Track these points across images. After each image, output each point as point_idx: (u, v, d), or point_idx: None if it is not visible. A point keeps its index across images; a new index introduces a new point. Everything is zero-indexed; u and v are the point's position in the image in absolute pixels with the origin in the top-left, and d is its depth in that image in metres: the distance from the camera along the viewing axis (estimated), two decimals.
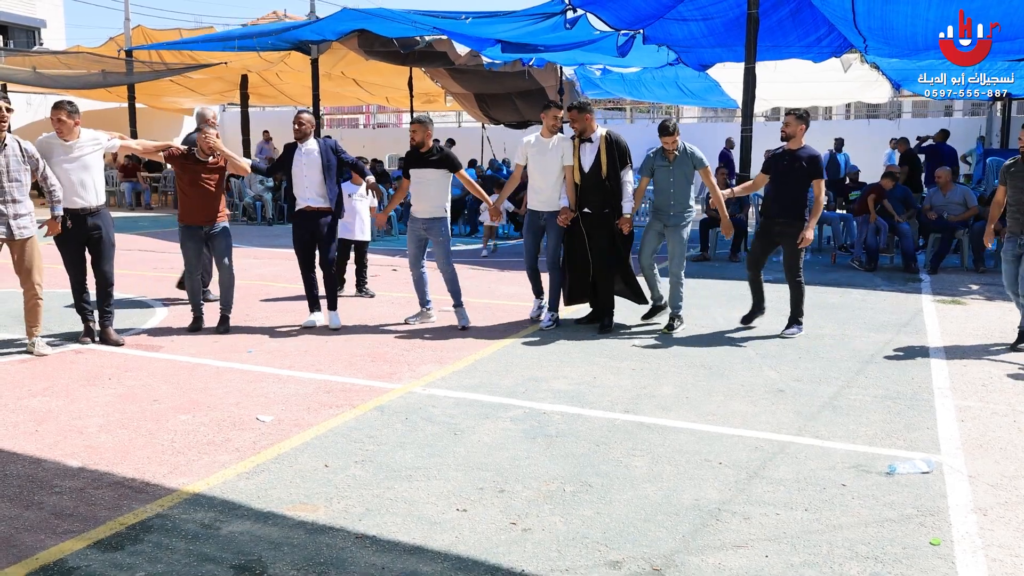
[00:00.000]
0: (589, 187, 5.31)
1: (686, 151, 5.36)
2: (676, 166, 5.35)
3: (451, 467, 3.10)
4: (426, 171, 5.35)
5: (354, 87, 17.34)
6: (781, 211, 5.28)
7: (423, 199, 5.37)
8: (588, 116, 5.30)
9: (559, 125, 5.43)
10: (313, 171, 5.32)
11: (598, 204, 5.31)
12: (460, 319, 5.49)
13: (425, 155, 5.34)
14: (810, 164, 5.17)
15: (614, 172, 5.28)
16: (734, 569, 2.37)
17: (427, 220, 5.38)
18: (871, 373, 4.45)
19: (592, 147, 5.31)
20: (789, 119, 5.25)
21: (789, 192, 5.24)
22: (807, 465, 3.14)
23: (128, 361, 4.65)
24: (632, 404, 3.88)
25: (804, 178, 5.18)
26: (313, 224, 5.38)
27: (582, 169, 5.33)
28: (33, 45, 22.54)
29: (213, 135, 5.29)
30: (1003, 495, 2.88)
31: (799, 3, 9.28)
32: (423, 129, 5.33)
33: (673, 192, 5.36)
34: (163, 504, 2.77)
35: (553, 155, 5.35)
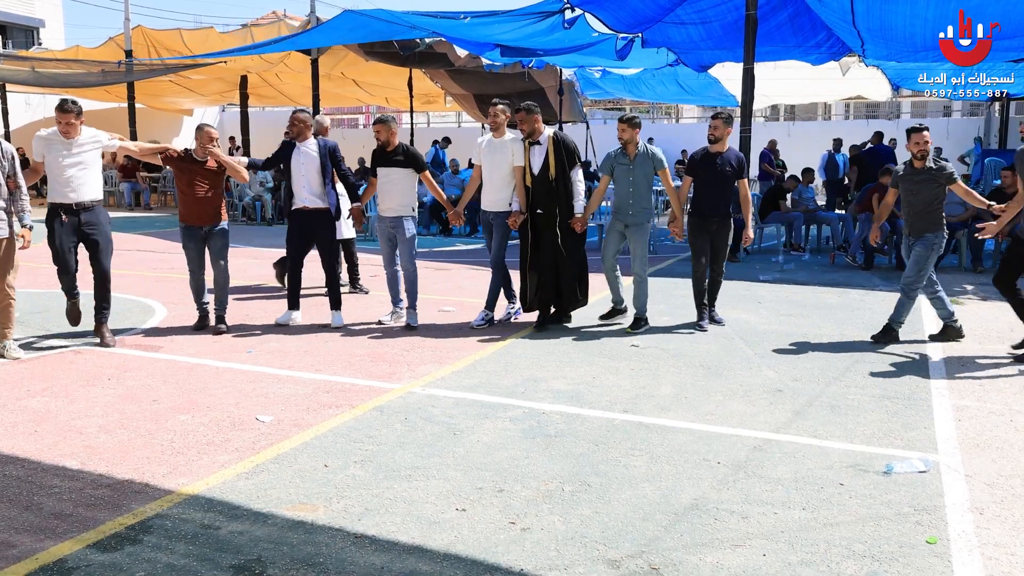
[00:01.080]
0: (539, 189, 5.38)
1: (647, 151, 5.42)
2: (636, 166, 5.40)
3: (450, 467, 3.11)
4: (392, 170, 5.38)
5: (354, 88, 17.35)
6: (714, 210, 5.45)
7: (389, 198, 5.40)
8: (535, 117, 5.35)
9: (497, 122, 5.44)
10: (311, 171, 5.33)
11: (548, 205, 5.37)
12: (409, 318, 5.51)
13: (391, 154, 5.36)
14: (737, 165, 5.43)
15: (562, 173, 5.34)
16: (732, 568, 2.38)
17: (393, 219, 5.42)
18: (869, 373, 4.46)
19: (540, 149, 5.37)
20: (717, 123, 5.41)
21: (719, 192, 5.43)
22: (805, 464, 3.15)
23: (127, 361, 4.65)
24: (631, 404, 3.89)
25: (732, 179, 5.43)
26: (308, 224, 5.39)
27: (531, 171, 5.39)
28: (32, 45, 22.52)
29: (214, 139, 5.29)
30: (999, 494, 2.90)
31: (797, 8, 9.29)
32: (387, 129, 5.35)
33: (632, 192, 5.41)
34: (162, 504, 2.78)
35: (503, 155, 5.41)
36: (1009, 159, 10.87)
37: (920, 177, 5.03)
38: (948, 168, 5.02)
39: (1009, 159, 10.87)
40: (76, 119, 4.80)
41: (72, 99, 4.93)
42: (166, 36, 14.86)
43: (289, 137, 5.42)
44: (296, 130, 5.34)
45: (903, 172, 5.17)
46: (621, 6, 9.26)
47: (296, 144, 5.38)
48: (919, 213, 5.06)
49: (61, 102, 4.86)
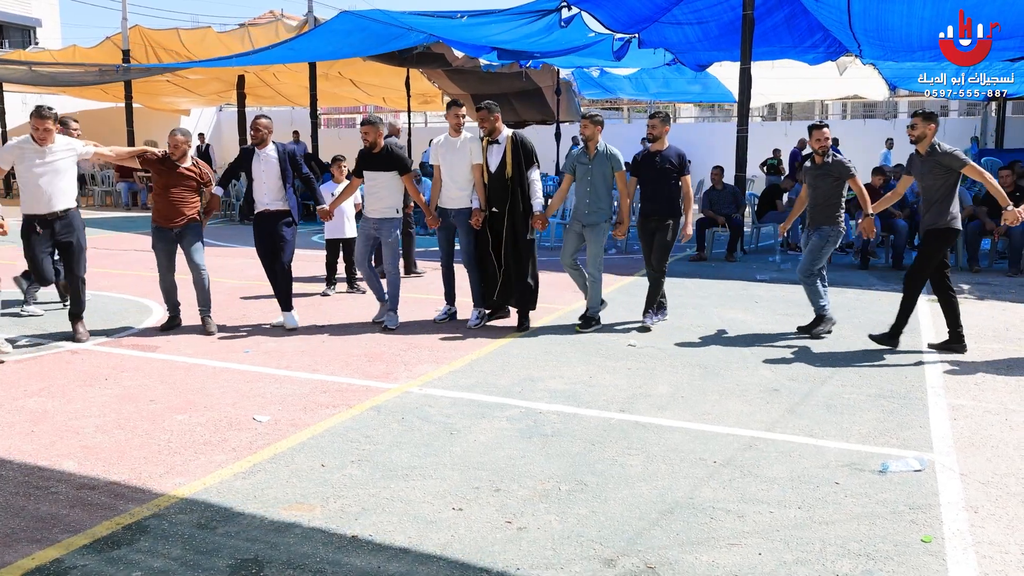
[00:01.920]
0: (495, 187, 5.42)
1: (606, 151, 5.45)
2: (595, 165, 5.44)
3: (447, 466, 3.12)
4: (377, 173, 5.40)
5: (351, 87, 17.34)
6: (656, 209, 5.47)
7: (374, 199, 5.43)
8: (496, 117, 5.39)
9: (460, 123, 5.48)
10: (271, 176, 5.31)
11: (502, 204, 5.42)
12: (387, 320, 5.50)
13: (376, 156, 5.38)
14: (678, 162, 5.44)
15: (519, 173, 5.39)
16: (728, 567, 2.39)
17: (377, 220, 5.44)
18: (865, 372, 4.47)
19: (499, 148, 5.42)
20: (654, 122, 5.46)
21: (662, 191, 5.43)
22: (801, 463, 3.16)
23: (125, 361, 4.65)
24: (627, 403, 3.90)
25: (672, 177, 5.43)
26: (270, 226, 5.35)
27: (489, 169, 5.43)
28: (28, 44, 22.47)
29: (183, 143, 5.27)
30: (994, 492, 2.91)
31: (793, 9, 9.31)
32: (375, 130, 5.33)
33: (590, 191, 5.45)
34: (159, 504, 2.78)
35: (460, 154, 5.44)
36: (1006, 159, 10.90)
37: (819, 172, 5.31)
38: (845, 163, 5.25)
39: (1006, 159, 10.90)
40: (53, 125, 4.81)
41: (48, 105, 4.95)
42: (163, 36, 14.84)
43: (252, 143, 5.38)
44: (259, 136, 5.32)
45: (807, 167, 5.42)
46: (618, 5, 9.27)
47: (256, 150, 5.34)
48: (818, 206, 5.33)
49: (37, 108, 4.84)
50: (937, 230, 4.78)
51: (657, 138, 5.44)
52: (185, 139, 5.30)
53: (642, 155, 5.56)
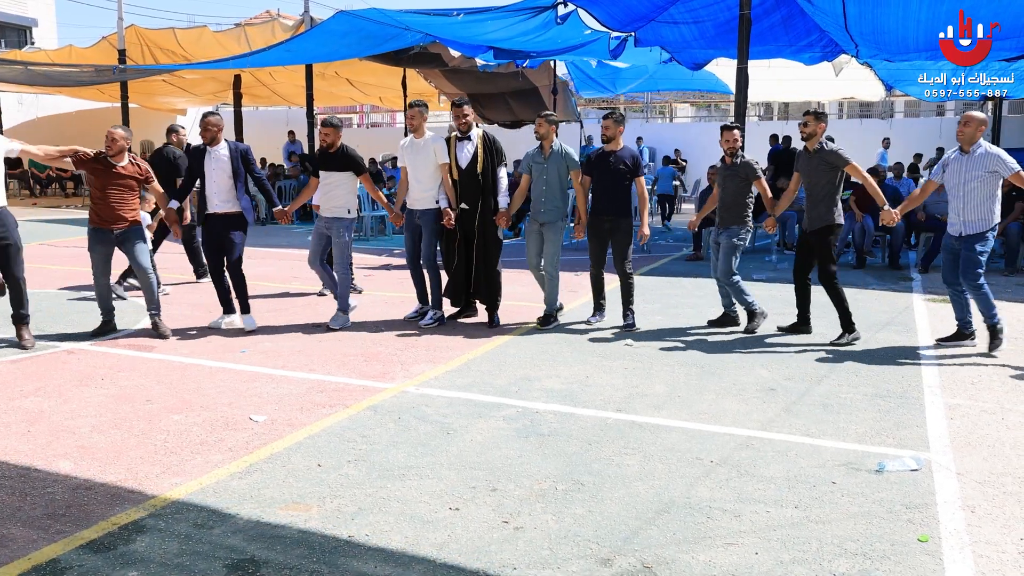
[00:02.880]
0: (466, 183, 5.46)
1: (561, 151, 5.48)
2: (550, 164, 5.47)
3: (444, 466, 3.11)
4: (331, 173, 5.41)
5: (348, 87, 17.31)
6: (608, 209, 5.48)
7: (328, 199, 5.46)
8: (466, 111, 5.48)
9: (415, 124, 5.50)
10: (221, 176, 5.24)
11: (474, 200, 5.45)
12: (331, 320, 5.49)
13: (332, 157, 5.40)
14: (632, 163, 5.44)
15: (490, 169, 5.46)
16: (724, 566, 2.39)
17: (329, 220, 5.47)
18: (862, 371, 4.48)
19: (470, 144, 5.48)
20: (608, 122, 5.47)
21: (615, 191, 5.43)
22: (797, 463, 3.16)
23: (121, 361, 4.63)
24: (624, 403, 3.90)
25: (628, 177, 5.43)
26: (220, 229, 5.27)
27: (459, 166, 5.47)
28: (24, 44, 22.39)
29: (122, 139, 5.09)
30: (991, 492, 2.92)
31: (790, 10, 9.31)
32: (335, 132, 5.39)
33: (545, 190, 5.48)
34: (156, 504, 2.77)
35: (425, 155, 5.47)
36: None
37: (728, 172, 5.44)
38: (751, 164, 5.37)
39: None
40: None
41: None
42: (159, 35, 14.79)
43: (203, 141, 5.29)
44: (210, 135, 5.21)
45: (718, 167, 5.53)
46: (614, 2, 9.26)
47: (208, 148, 5.26)
48: (727, 206, 5.45)
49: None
50: (827, 226, 5.06)
51: (611, 138, 5.43)
52: (123, 136, 5.10)
53: (596, 155, 5.59)
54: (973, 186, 4.81)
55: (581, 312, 5.97)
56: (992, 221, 4.85)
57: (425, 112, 5.57)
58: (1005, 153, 4.82)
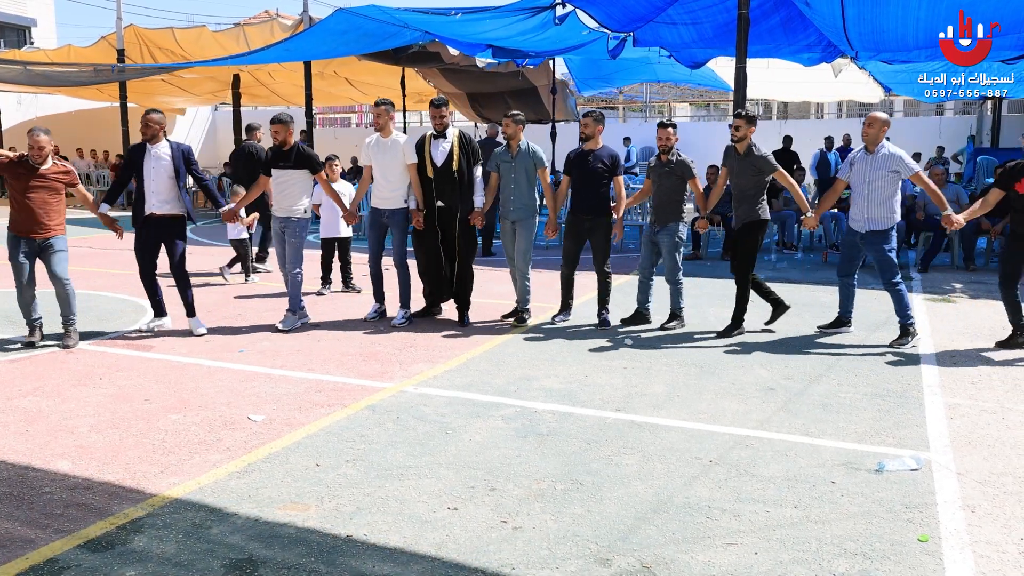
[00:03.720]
0: (442, 181, 5.46)
1: (528, 149, 5.51)
2: (518, 162, 5.50)
3: (442, 466, 3.11)
4: (286, 171, 5.34)
5: (346, 87, 17.30)
6: (587, 208, 5.48)
7: (281, 198, 5.38)
8: (446, 113, 5.52)
9: (380, 122, 5.49)
10: (162, 176, 5.06)
11: (451, 198, 5.47)
12: (284, 322, 5.41)
13: (286, 155, 5.32)
14: (611, 162, 5.43)
15: (466, 167, 5.48)
16: (724, 566, 2.38)
17: (282, 219, 5.39)
18: (861, 371, 4.47)
19: (445, 143, 5.48)
20: (587, 120, 5.49)
21: (593, 190, 5.46)
22: (797, 463, 3.16)
23: (119, 361, 4.63)
24: (623, 403, 3.89)
25: (606, 176, 5.43)
26: (161, 231, 5.13)
27: (435, 164, 5.47)
28: (24, 44, 22.37)
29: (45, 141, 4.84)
30: (991, 491, 2.91)
31: (789, 13, 9.31)
32: (285, 129, 5.28)
33: (514, 188, 5.51)
34: (154, 504, 2.76)
35: (392, 154, 5.46)
36: (1003, 157, 10.91)
37: (664, 170, 5.44)
38: (687, 163, 5.41)
39: (1003, 157, 10.91)
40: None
41: None
42: (158, 35, 14.78)
43: (143, 139, 5.13)
44: (150, 132, 5.04)
45: (651, 164, 5.55)
46: (613, 3, 9.26)
47: (148, 147, 5.08)
48: (663, 204, 5.45)
49: None
50: (753, 222, 5.23)
51: (590, 137, 5.44)
52: (48, 140, 4.84)
53: (575, 153, 5.60)
54: (877, 185, 5.00)
55: (584, 312, 5.96)
56: (894, 219, 5.05)
57: (391, 110, 5.54)
58: (906, 154, 5.04)
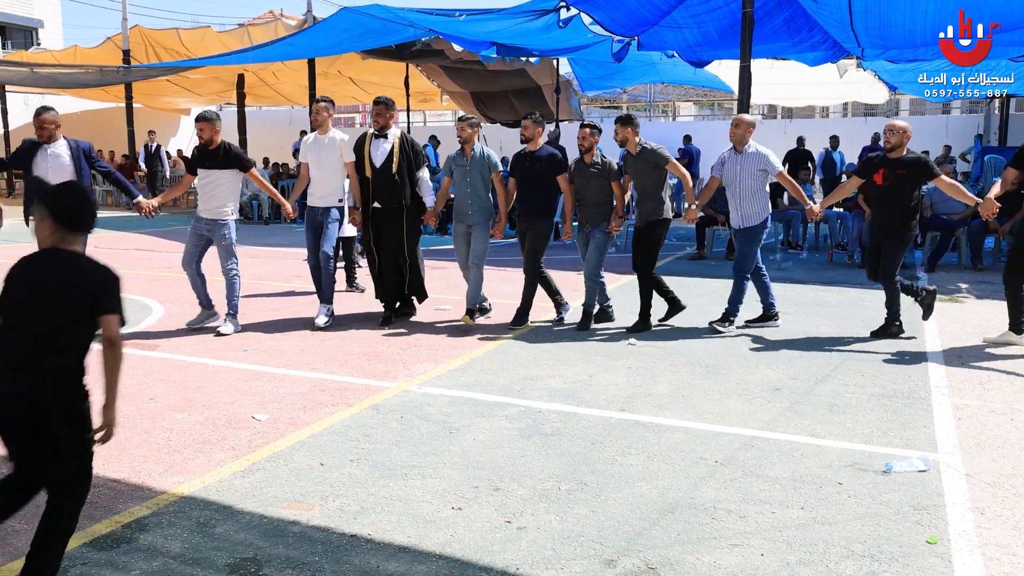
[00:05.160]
0: (381, 182, 5.44)
1: (482, 153, 5.52)
2: (472, 167, 5.51)
3: (446, 465, 3.10)
4: (213, 171, 5.18)
5: (351, 86, 17.32)
6: (528, 210, 5.51)
7: (208, 199, 5.21)
8: (392, 114, 5.52)
9: (320, 119, 5.46)
10: (61, 175, 4.79)
11: (389, 199, 5.45)
12: (222, 326, 5.26)
13: (212, 154, 5.16)
14: (550, 163, 5.45)
15: (406, 168, 5.46)
16: (729, 567, 2.37)
17: (210, 221, 5.21)
18: (868, 371, 4.45)
19: (386, 143, 5.46)
20: (527, 123, 5.52)
21: (532, 192, 5.46)
22: (803, 463, 3.13)
23: (124, 360, 4.62)
24: (628, 402, 3.87)
25: (548, 176, 5.45)
26: None
27: (373, 164, 5.45)
28: (31, 45, 22.49)
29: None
30: (1000, 493, 2.88)
31: (793, 11, 9.27)
32: (211, 127, 5.13)
33: (470, 192, 5.52)
34: (159, 502, 2.76)
35: (330, 152, 5.43)
36: (1009, 156, 10.82)
37: (590, 171, 5.43)
38: (611, 164, 5.46)
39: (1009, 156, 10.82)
40: None
41: None
42: (163, 36, 14.84)
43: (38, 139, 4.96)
44: (46, 133, 4.87)
45: (574, 166, 5.52)
46: (617, 7, 9.24)
47: (42, 145, 4.90)
48: (592, 205, 5.45)
49: None
50: (656, 221, 5.35)
51: (530, 139, 5.47)
52: (52, 116, 4.79)
53: (516, 156, 5.64)
54: (747, 183, 5.27)
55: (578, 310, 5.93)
56: (764, 214, 5.32)
57: (331, 108, 5.52)
58: (772, 153, 5.32)
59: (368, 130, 5.59)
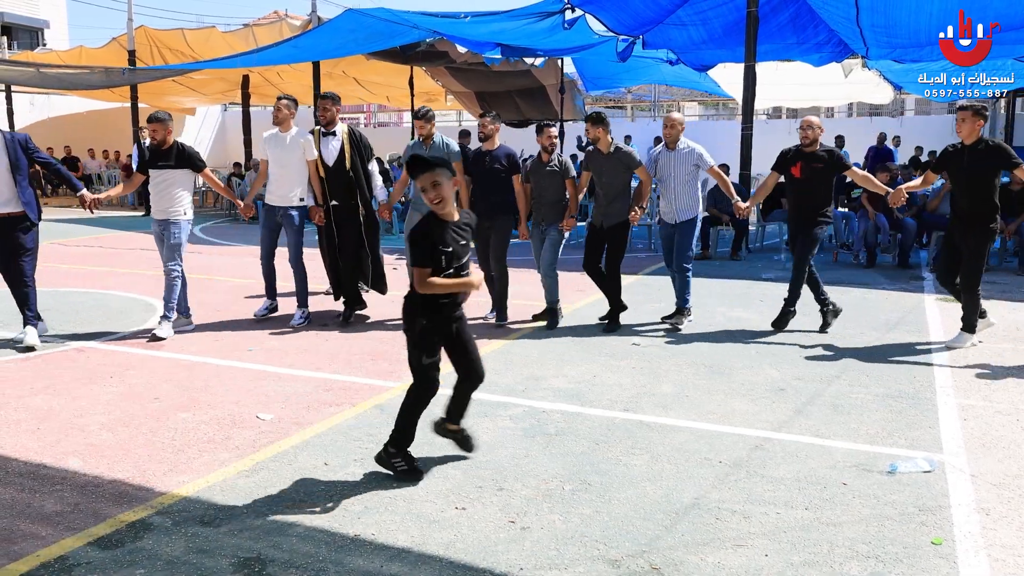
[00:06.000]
0: (335, 180, 5.45)
1: (442, 143, 5.53)
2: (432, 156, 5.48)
3: (450, 465, 3.10)
4: (165, 171, 5.13)
5: (355, 86, 17.35)
6: (485, 209, 5.51)
7: (161, 199, 5.16)
8: (338, 108, 5.52)
9: (280, 116, 5.44)
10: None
11: (344, 196, 5.46)
12: (161, 328, 5.11)
13: (165, 154, 5.13)
14: (508, 162, 5.49)
15: (359, 164, 5.47)
16: (734, 568, 2.36)
17: (162, 222, 5.16)
18: (873, 372, 4.43)
19: (336, 140, 5.47)
20: (485, 121, 5.56)
21: (492, 190, 5.46)
22: (808, 464, 3.13)
23: (129, 359, 4.65)
24: (632, 403, 3.87)
25: (503, 176, 5.47)
26: (5, 233, 4.74)
27: (325, 163, 5.44)
28: (37, 46, 22.60)
29: None
30: (1006, 494, 2.87)
31: (798, 9, 9.25)
32: (163, 127, 5.09)
33: None
34: (163, 502, 2.77)
35: (292, 149, 5.41)
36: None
37: (547, 170, 5.50)
38: (568, 164, 5.54)
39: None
40: None
41: None
42: (169, 36, 14.88)
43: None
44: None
45: (531, 166, 5.62)
46: (622, 8, 9.24)
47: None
48: (549, 204, 5.51)
49: None
50: (624, 222, 5.41)
51: (488, 137, 5.48)
52: None
53: (474, 154, 5.65)
54: (682, 179, 5.42)
55: (590, 312, 5.94)
56: (697, 208, 5.48)
57: (293, 107, 5.50)
58: (704, 149, 5.45)
59: (315, 127, 5.55)
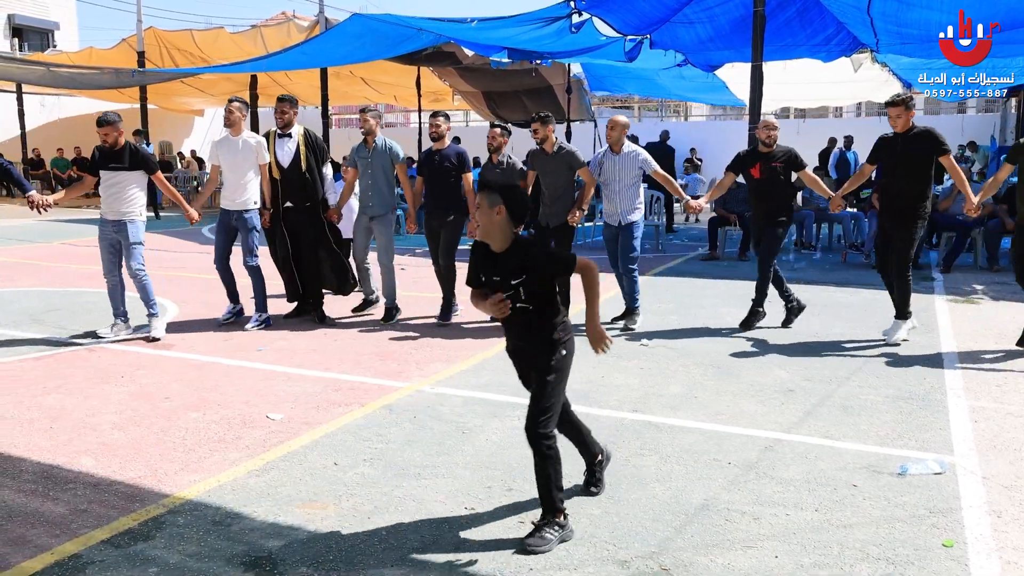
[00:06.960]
0: (290, 181, 5.47)
1: (385, 145, 5.57)
2: (374, 158, 5.56)
3: (459, 466, 3.11)
4: (119, 172, 5.06)
5: (362, 86, 17.39)
6: (436, 207, 5.57)
7: (112, 200, 5.09)
8: (296, 111, 5.53)
9: (232, 119, 5.43)
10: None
11: (300, 198, 5.50)
12: (155, 329, 5.14)
13: (117, 156, 5.05)
14: (457, 161, 5.55)
15: (314, 166, 5.51)
16: (743, 569, 2.36)
17: (116, 223, 5.10)
18: (883, 373, 4.41)
19: (291, 142, 5.50)
20: (437, 120, 5.58)
21: (442, 189, 5.53)
22: (817, 465, 3.12)
23: (140, 359, 4.69)
24: (640, 403, 3.87)
25: (452, 175, 5.53)
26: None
27: (280, 164, 5.47)
28: (47, 47, 22.76)
29: None
30: (1018, 496, 2.85)
31: (805, 3, 9.19)
32: (115, 129, 5.02)
33: (372, 184, 5.57)
34: (174, 501, 2.79)
35: (245, 153, 5.41)
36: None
37: (495, 171, 5.60)
38: (517, 165, 5.64)
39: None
40: None
41: None
42: (177, 37, 14.98)
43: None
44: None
45: (484, 167, 5.73)
46: (628, 9, 9.22)
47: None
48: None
49: None
50: (568, 224, 5.44)
51: (439, 136, 5.53)
52: None
53: (424, 154, 5.71)
54: (626, 182, 5.44)
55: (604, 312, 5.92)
56: (642, 209, 5.58)
57: (245, 109, 5.51)
58: (647, 153, 5.54)
59: (271, 128, 5.58)
